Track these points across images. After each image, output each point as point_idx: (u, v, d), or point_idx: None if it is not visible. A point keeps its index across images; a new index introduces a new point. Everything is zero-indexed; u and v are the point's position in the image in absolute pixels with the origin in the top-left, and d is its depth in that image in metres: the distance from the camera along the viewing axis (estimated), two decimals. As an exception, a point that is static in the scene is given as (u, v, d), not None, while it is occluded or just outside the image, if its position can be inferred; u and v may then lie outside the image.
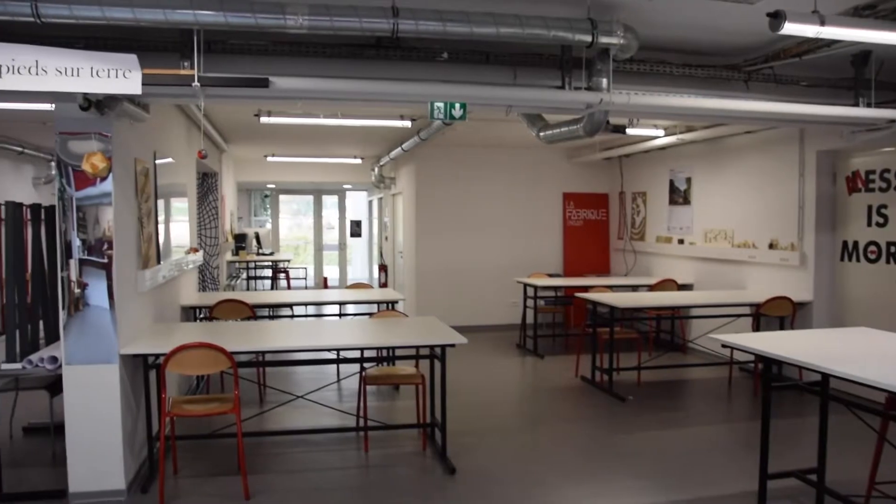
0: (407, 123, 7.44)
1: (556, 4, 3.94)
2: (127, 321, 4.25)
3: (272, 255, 13.49)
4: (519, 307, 9.11)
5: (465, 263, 10.18)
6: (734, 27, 4.41)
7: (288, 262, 13.45)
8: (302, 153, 11.75)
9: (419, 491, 4.33)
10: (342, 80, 4.20)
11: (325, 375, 7.12)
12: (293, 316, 7.96)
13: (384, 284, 13.13)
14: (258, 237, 13.60)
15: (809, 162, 6.68)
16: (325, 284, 15.87)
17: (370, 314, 6.17)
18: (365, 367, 5.28)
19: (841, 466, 4.39)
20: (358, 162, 12.23)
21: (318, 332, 5.38)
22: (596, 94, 4.47)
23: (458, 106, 4.33)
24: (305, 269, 16.17)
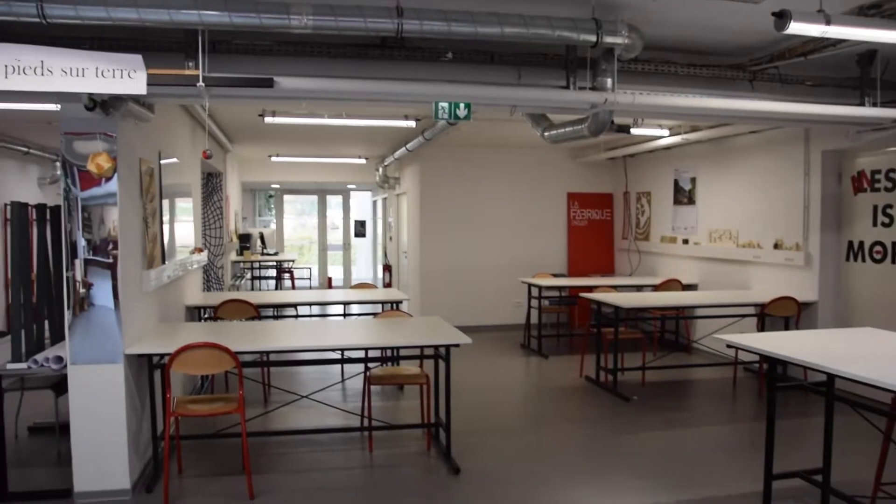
0: (411, 123, 7.44)
1: (560, 4, 3.94)
2: (132, 321, 4.26)
3: (276, 255, 13.50)
4: (523, 307, 9.10)
5: (469, 263, 10.18)
6: (739, 27, 4.40)
7: (292, 262, 13.47)
8: (306, 153, 11.76)
9: (423, 491, 4.33)
10: (347, 80, 4.20)
11: (329, 375, 7.12)
12: (297, 316, 7.98)
13: (388, 284, 13.14)
14: (262, 237, 13.61)
15: (815, 162, 6.67)
16: (329, 284, 15.88)
17: (374, 314, 6.18)
18: (369, 367, 5.27)
19: (846, 467, 4.38)
20: (362, 162, 12.24)
21: (322, 332, 5.39)
22: (600, 93, 4.47)
23: (462, 106, 4.32)
24: (310, 269, 16.16)
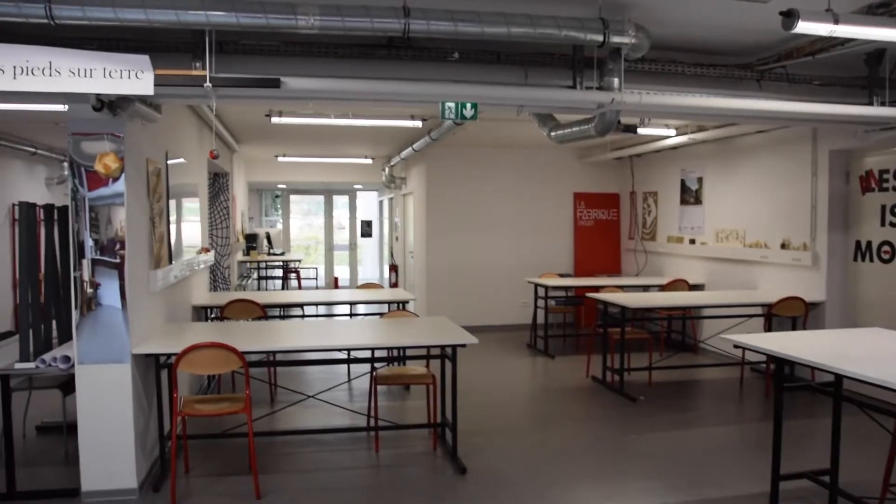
0: (418, 123, 7.44)
1: (567, 4, 3.93)
2: (139, 321, 4.28)
3: (283, 255, 13.52)
4: (530, 307, 9.09)
5: (475, 263, 10.18)
6: (746, 26, 4.39)
7: (299, 262, 13.49)
8: (313, 153, 11.77)
9: (430, 491, 4.33)
10: (353, 80, 4.21)
11: (335, 375, 7.13)
12: (304, 316, 7.98)
13: (395, 284, 13.14)
14: (269, 237, 13.63)
15: (822, 161, 6.64)
16: (335, 284, 15.90)
17: (381, 314, 6.18)
18: (376, 366, 5.28)
19: (854, 468, 4.36)
20: (368, 162, 12.24)
21: (328, 332, 5.39)
22: (607, 93, 4.46)
23: (469, 106, 4.32)
24: (316, 269, 16.20)
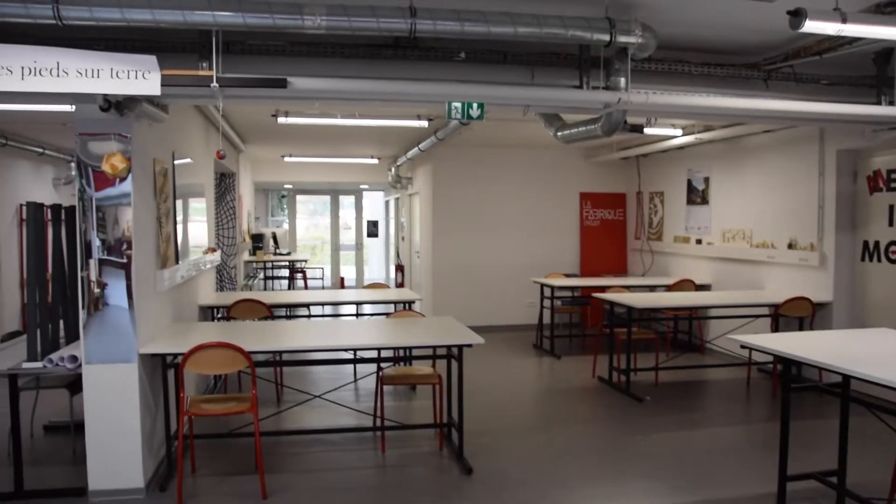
0: (424, 123, 7.44)
1: (574, 4, 3.93)
2: (146, 321, 4.29)
3: (289, 255, 13.53)
4: (536, 307, 9.09)
5: (481, 263, 10.17)
6: (753, 25, 4.38)
7: (305, 262, 13.50)
8: (319, 153, 11.79)
9: (436, 491, 4.33)
10: (359, 80, 4.21)
11: (342, 375, 7.13)
12: (310, 316, 7.99)
13: (401, 284, 13.15)
14: (275, 237, 13.65)
15: (829, 161, 6.61)
16: (341, 284, 15.91)
17: (387, 314, 6.18)
18: (382, 367, 5.28)
19: (862, 469, 4.34)
20: (375, 162, 12.25)
21: (335, 332, 5.40)
22: (614, 93, 4.45)
23: (475, 106, 4.32)
24: (322, 269, 16.18)
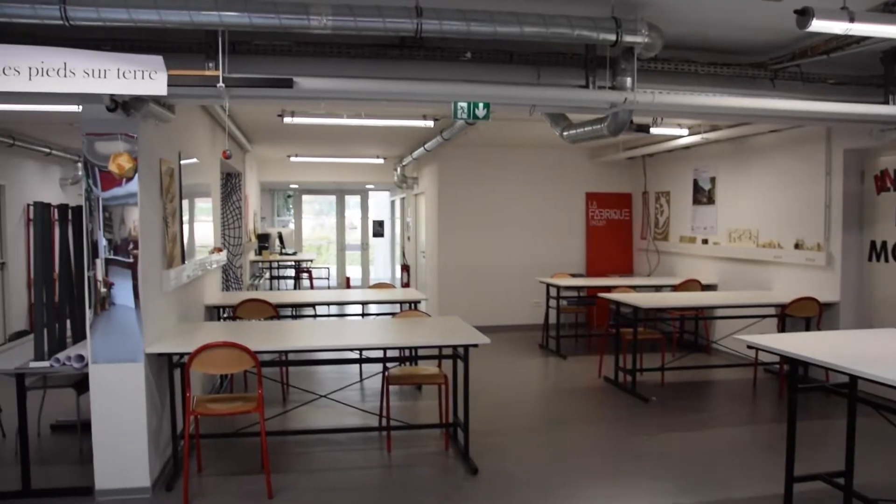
0: (430, 123, 7.43)
1: (580, 3, 3.92)
2: (152, 320, 4.30)
3: (295, 254, 13.56)
4: (542, 307, 9.07)
5: (487, 263, 10.17)
6: (760, 25, 4.36)
7: (311, 261, 13.51)
8: (325, 153, 11.79)
9: (441, 491, 4.33)
10: (365, 80, 4.21)
11: (347, 375, 7.14)
12: (316, 316, 8.00)
13: (406, 284, 13.15)
14: (281, 237, 13.68)
15: (836, 161, 6.59)
16: (347, 284, 15.92)
17: (393, 314, 6.18)
18: (388, 366, 5.28)
19: (869, 470, 4.32)
20: (380, 162, 12.25)
21: (340, 331, 5.40)
22: (620, 93, 4.44)
23: (481, 106, 4.32)
24: (328, 268, 16.23)
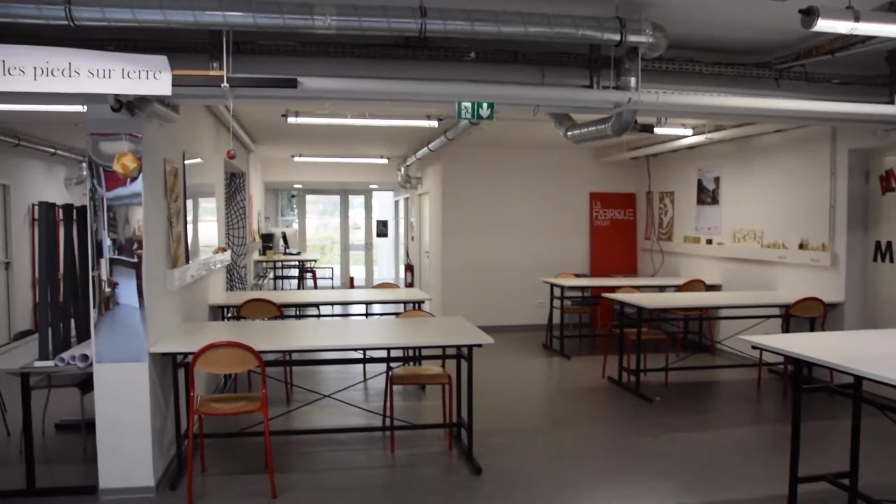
0: (434, 123, 7.44)
1: (584, 3, 3.92)
2: (156, 320, 4.30)
3: (299, 254, 13.57)
4: (545, 307, 9.07)
5: (491, 263, 10.16)
6: (765, 24, 4.35)
7: (314, 261, 13.54)
8: (329, 153, 11.80)
9: (445, 491, 4.32)
10: (370, 80, 4.21)
11: (351, 375, 7.14)
12: (320, 315, 8.01)
13: (410, 284, 13.15)
14: (285, 237, 13.69)
15: (841, 160, 6.56)
16: (351, 284, 15.93)
17: (396, 314, 6.19)
18: (391, 366, 5.28)
19: (874, 470, 4.32)
20: (384, 162, 12.26)
21: (344, 331, 5.40)
22: (624, 93, 4.44)
23: (485, 105, 4.31)
24: (332, 268, 16.24)
